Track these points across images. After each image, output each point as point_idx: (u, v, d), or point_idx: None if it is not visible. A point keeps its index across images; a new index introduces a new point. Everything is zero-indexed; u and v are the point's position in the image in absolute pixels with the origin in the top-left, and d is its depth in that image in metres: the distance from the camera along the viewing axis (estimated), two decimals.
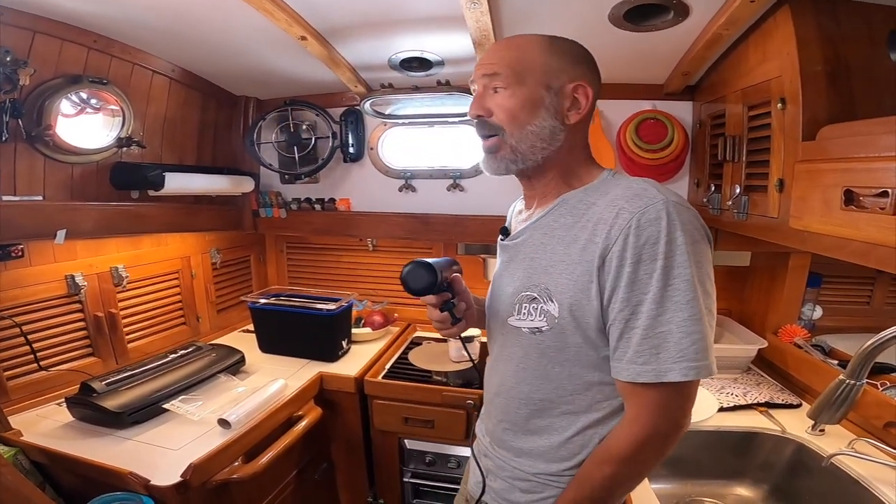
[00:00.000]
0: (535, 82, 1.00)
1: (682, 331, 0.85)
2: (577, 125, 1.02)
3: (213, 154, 2.33)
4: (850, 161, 1.04)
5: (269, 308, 2.17)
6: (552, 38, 1.03)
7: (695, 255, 0.85)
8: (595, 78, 1.04)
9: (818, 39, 1.23)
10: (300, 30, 1.62)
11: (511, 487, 1.09)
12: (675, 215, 0.86)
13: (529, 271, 1.03)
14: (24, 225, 1.50)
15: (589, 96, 1.00)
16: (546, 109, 1.00)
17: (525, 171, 1.05)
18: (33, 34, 1.52)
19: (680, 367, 0.85)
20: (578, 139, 1.05)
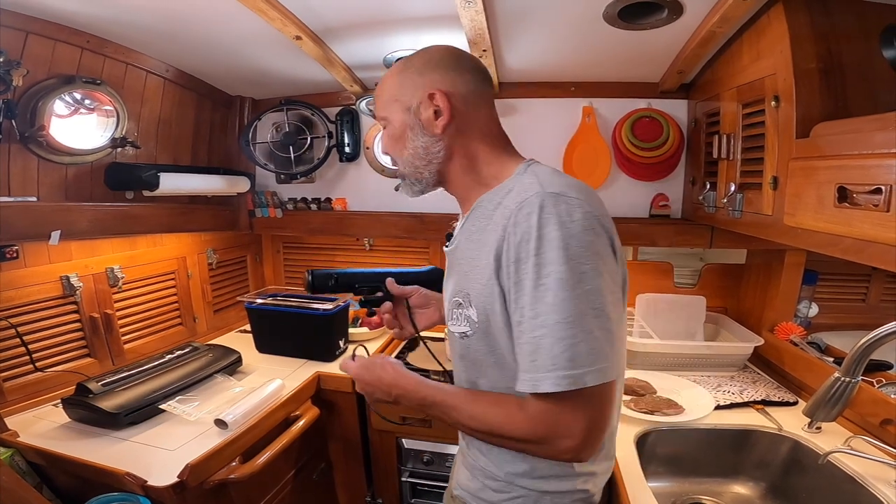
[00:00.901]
0: (396, 111, 1.02)
1: (553, 336, 0.79)
2: (453, 129, 1.01)
3: (208, 154, 2.32)
4: (844, 158, 1.04)
5: (265, 308, 2.17)
6: (404, 61, 1.05)
7: (570, 249, 0.79)
8: (453, 76, 1.00)
9: (811, 37, 1.23)
10: (295, 29, 1.62)
11: (483, 487, 1.08)
12: (550, 208, 0.81)
13: (458, 277, 1.02)
14: (19, 226, 1.49)
15: (447, 98, 0.98)
16: (412, 130, 1.01)
17: (427, 189, 1.08)
18: (26, 35, 1.51)
19: (552, 377, 0.79)
20: (467, 141, 1.03)
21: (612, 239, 0.87)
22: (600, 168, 2.15)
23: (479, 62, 1.08)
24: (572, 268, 0.79)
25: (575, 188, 0.86)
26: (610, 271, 0.84)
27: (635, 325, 2.11)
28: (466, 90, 1.00)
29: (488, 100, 1.05)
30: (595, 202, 0.87)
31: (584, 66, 2.00)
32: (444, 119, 0.99)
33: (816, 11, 1.24)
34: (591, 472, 1.03)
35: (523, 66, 2.01)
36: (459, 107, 1.00)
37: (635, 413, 1.58)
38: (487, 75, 1.07)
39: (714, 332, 2.18)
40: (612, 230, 0.88)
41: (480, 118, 1.03)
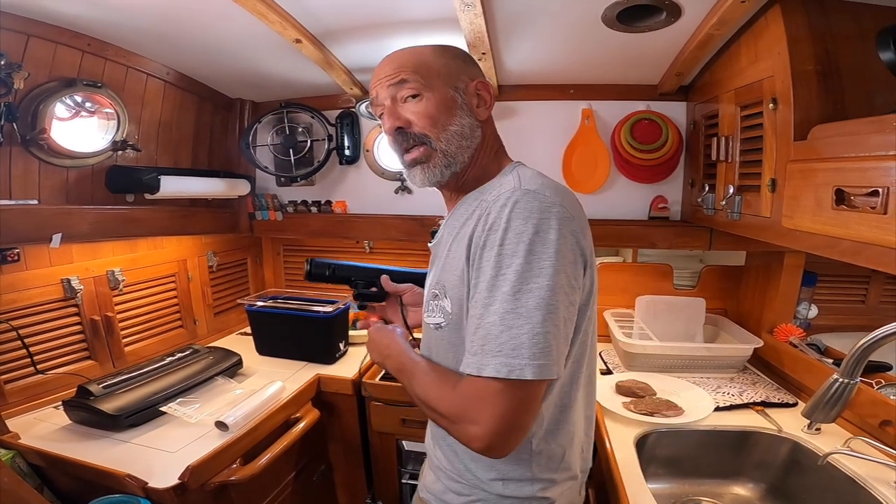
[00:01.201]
0: (443, 84, 1.01)
1: (503, 324, 0.80)
2: (488, 120, 1.07)
3: (208, 157, 2.33)
4: (841, 161, 1.05)
5: (266, 311, 2.17)
6: (441, 47, 1.06)
7: (534, 245, 0.81)
8: (481, 72, 1.08)
9: (809, 38, 1.23)
10: (294, 32, 1.62)
11: (446, 490, 1.08)
12: (522, 203, 0.84)
13: (437, 270, 1.04)
14: (20, 229, 1.50)
15: (490, 92, 1.05)
16: (460, 108, 1.02)
17: (450, 172, 1.03)
18: (27, 38, 1.52)
19: (494, 364, 0.80)
20: (490, 133, 1.08)
21: (580, 245, 0.88)
22: (599, 170, 2.16)
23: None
24: (532, 262, 0.81)
25: (551, 189, 0.88)
26: (570, 274, 0.84)
27: (635, 327, 2.11)
28: (493, 91, 1.07)
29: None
30: (570, 205, 0.88)
31: (582, 68, 2.01)
32: (488, 109, 1.05)
33: (814, 13, 1.24)
34: (550, 480, 1.01)
35: (522, 68, 2.02)
36: (489, 100, 1.06)
37: (635, 415, 1.58)
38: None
39: (714, 333, 2.18)
40: (581, 237, 0.88)
41: (491, 117, 1.09)
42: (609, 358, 2.12)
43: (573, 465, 1.06)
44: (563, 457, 1.02)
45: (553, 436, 0.99)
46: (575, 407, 0.99)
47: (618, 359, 2.10)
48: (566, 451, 1.02)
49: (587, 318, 0.96)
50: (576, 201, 0.92)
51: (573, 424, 1.02)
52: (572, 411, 0.99)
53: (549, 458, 1.00)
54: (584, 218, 0.92)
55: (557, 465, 1.01)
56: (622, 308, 2.31)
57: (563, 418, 1.00)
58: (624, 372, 1.96)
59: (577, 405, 1.00)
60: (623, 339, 1.93)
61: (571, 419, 1.00)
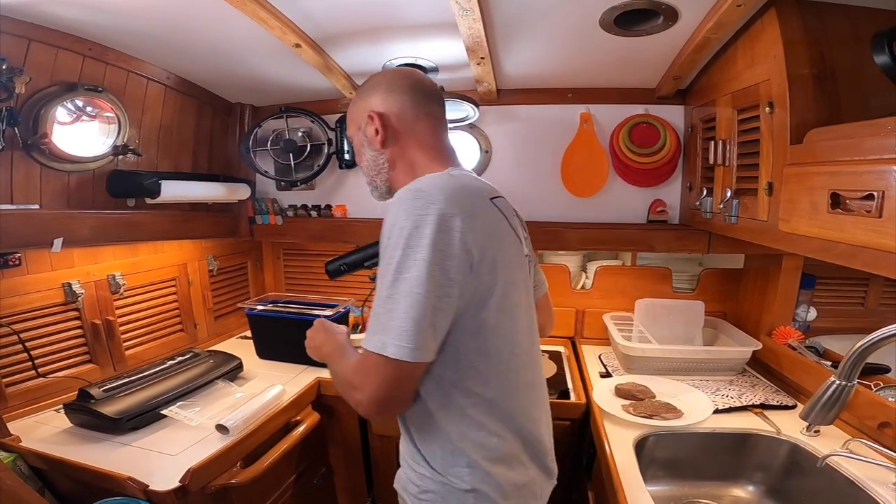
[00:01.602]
0: (353, 130, 1.22)
1: (384, 307, 0.91)
2: (391, 143, 1.16)
3: (208, 161, 2.34)
4: (837, 164, 1.06)
5: (266, 315, 2.18)
6: (358, 88, 1.24)
7: (411, 239, 0.90)
8: (386, 97, 1.15)
9: (804, 42, 1.25)
10: (294, 37, 1.63)
11: (408, 480, 1.12)
12: (407, 202, 0.93)
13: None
14: (21, 233, 1.50)
15: (380, 118, 1.14)
16: (363, 146, 1.19)
17: (385, 195, 1.22)
18: (29, 42, 1.53)
19: (374, 340, 0.91)
20: (404, 151, 1.16)
21: (464, 242, 0.92)
22: (598, 174, 2.17)
23: (419, 82, 1.19)
24: (407, 255, 0.90)
25: (440, 188, 0.95)
26: (445, 267, 0.91)
27: (634, 330, 2.12)
28: (400, 109, 1.14)
29: (427, 114, 1.17)
30: (460, 206, 0.93)
31: (581, 72, 2.02)
32: (381, 136, 1.14)
33: (809, 16, 1.25)
34: (486, 472, 1.03)
35: (521, 72, 2.03)
36: (393, 124, 1.14)
37: (634, 417, 1.59)
38: (428, 93, 1.18)
39: (713, 336, 2.19)
40: (470, 235, 0.93)
41: (417, 131, 1.16)
42: (608, 361, 2.12)
43: (511, 458, 1.07)
44: (497, 450, 1.05)
45: (450, 424, 1.03)
46: (414, 380, 0.98)
47: (617, 362, 2.10)
48: (505, 448, 1.06)
49: (483, 318, 0.99)
50: (476, 204, 0.99)
51: (482, 416, 1.03)
52: (410, 384, 0.98)
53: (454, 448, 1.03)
54: (485, 218, 0.99)
55: (489, 455, 1.04)
56: (621, 311, 2.32)
57: (456, 410, 1.02)
58: (623, 375, 1.96)
59: (492, 400, 1.03)
60: (622, 343, 1.94)
61: (409, 391, 1.00)
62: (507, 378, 1.06)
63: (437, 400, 1.02)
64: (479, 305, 0.98)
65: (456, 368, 1.00)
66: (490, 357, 1.02)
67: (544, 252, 2.55)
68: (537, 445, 1.13)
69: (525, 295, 1.11)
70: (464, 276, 0.93)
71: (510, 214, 1.11)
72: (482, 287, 0.97)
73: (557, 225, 2.24)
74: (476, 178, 1.13)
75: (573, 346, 2.38)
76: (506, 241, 1.03)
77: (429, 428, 1.05)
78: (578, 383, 1.98)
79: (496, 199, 1.07)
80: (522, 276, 1.10)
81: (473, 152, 2.32)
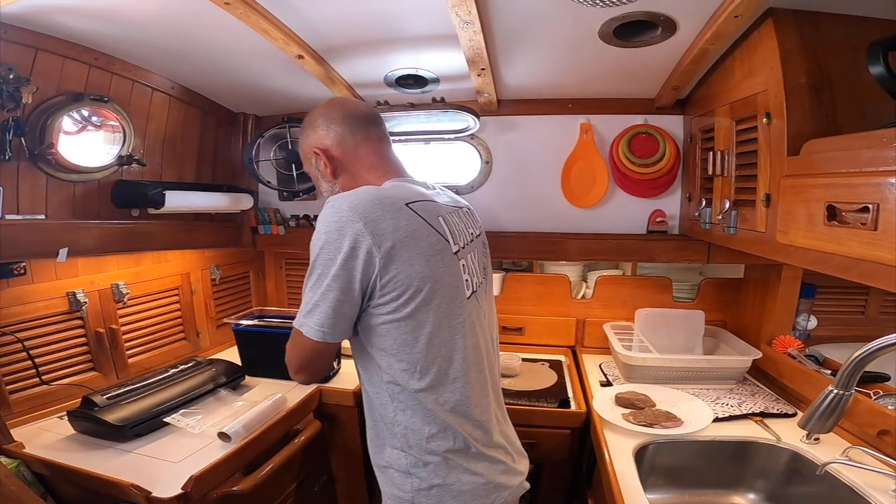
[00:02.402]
0: (308, 164, 1.32)
1: (305, 296, 1.08)
2: (340, 172, 1.27)
3: (212, 171, 2.35)
4: (833, 176, 1.07)
5: (253, 330, 2.12)
6: (303, 124, 1.32)
7: (321, 241, 1.03)
8: (324, 133, 1.26)
9: (801, 52, 1.25)
10: (297, 49, 1.65)
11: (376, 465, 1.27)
12: (323, 212, 1.05)
13: None
14: (27, 243, 1.52)
15: (324, 154, 1.25)
16: (319, 178, 1.31)
17: None
18: (35, 52, 1.54)
19: (297, 319, 1.09)
20: (353, 177, 1.27)
21: (366, 245, 1.02)
22: (598, 184, 2.18)
23: (352, 111, 1.28)
24: (319, 255, 1.04)
25: (350, 200, 1.04)
26: (347, 267, 1.02)
27: (634, 340, 2.12)
28: (339, 140, 1.25)
29: (365, 138, 1.27)
30: (363, 213, 1.02)
31: (581, 83, 2.03)
32: (329, 168, 1.26)
33: (806, 27, 1.26)
34: (419, 459, 1.14)
35: (521, 83, 2.05)
36: (337, 155, 1.26)
37: (634, 426, 1.59)
38: (362, 117, 1.28)
39: (713, 345, 2.19)
40: (368, 237, 1.02)
41: (360, 155, 1.26)
42: (609, 370, 2.13)
43: (446, 447, 1.14)
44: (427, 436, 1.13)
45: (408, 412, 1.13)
46: (328, 356, 1.17)
47: (617, 371, 2.11)
48: (439, 443, 1.13)
49: (412, 316, 1.08)
50: (385, 207, 1.06)
51: (430, 410, 1.12)
52: (322, 360, 1.16)
53: (409, 431, 1.14)
54: (394, 221, 1.05)
55: (427, 445, 1.13)
56: (622, 321, 2.33)
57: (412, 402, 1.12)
58: (623, 384, 1.97)
59: (418, 391, 1.11)
60: (623, 352, 1.95)
61: (321, 365, 1.18)
62: (433, 367, 1.12)
63: (373, 385, 1.17)
64: (395, 297, 1.06)
65: (387, 358, 1.11)
66: (409, 347, 1.10)
67: (545, 262, 2.56)
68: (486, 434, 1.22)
69: (450, 289, 1.13)
70: (365, 273, 1.03)
71: (432, 216, 1.14)
72: (393, 282, 1.05)
73: (557, 235, 2.25)
74: (402, 187, 1.20)
75: (574, 356, 2.38)
76: (423, 240, 1.08)
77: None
78: (579, 392, 1.98)
79: (415, 203, 1.12)
80: (446, 273, 1.12)
81: (474, 163, 2.34)
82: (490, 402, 1.24)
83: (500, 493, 1.19)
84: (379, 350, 1.11)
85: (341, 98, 1.34)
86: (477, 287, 1.25)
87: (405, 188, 1.19)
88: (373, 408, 1.19)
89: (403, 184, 1.22)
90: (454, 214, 1.24)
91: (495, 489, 1.18)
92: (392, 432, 1.15)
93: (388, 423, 1.15)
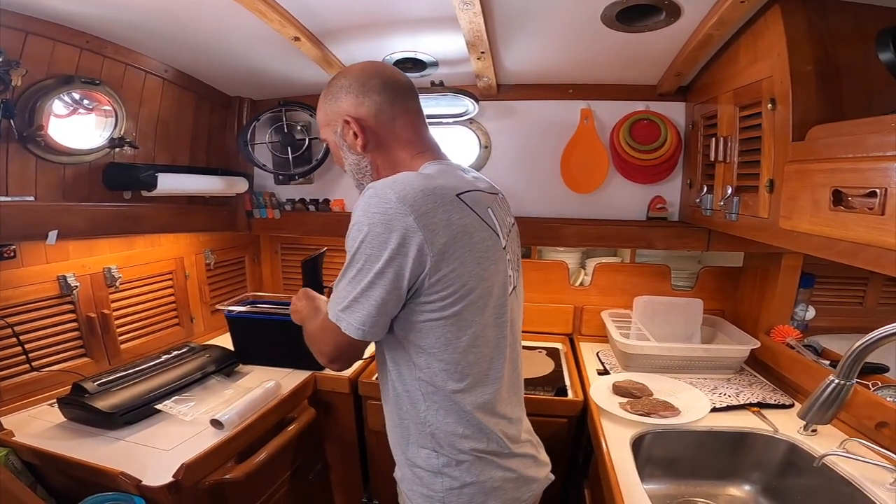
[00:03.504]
0: (329, 134, 1.19)
1: (341, 290, 1.02)
2: (372, 145, 1.15)
3: (206, 155, 2.32)
4: (839, 161, 1.05)
5: (248, 316, 2.09)
6: (326, 88, 1.19)
7: (362, 233, 0.96)
8: (361, 100, 1.13)
9: (808, 39, 1.23)
10: (293, 30, 1.62)
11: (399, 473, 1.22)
12: (366, 199, 0.97)
13: None
14: (16, 225, 1.49)
15: (358, 123, 1.12)
16: (343, 150, 1.18)
17: None
18: (25, 35, 1.51)
19: (332, 311, 1.04)
20: (387, 152, 1.16)
21: (409, 240, 0.95)
22: (598, 170, 2.16)
23: (392, 79, 1.16)
24: (359, 249, 0.97)
25: (396, 188, 0.96)
26: (399, 264, 0.96)
27: (632, 328, 2.11)
28: (376, 110, 1.12)
29: (404, 111, 1.15)
30: (413, 205, 0.95)
31: (582, 68, 2.01)
32: (361, 141, 1.13)
33: (813, 13, 1.24)
34: (451, 459, 1.10)
35: (521, 68, 2.02)
36: (371, 126, 1.13)
37: (631, 415, 1.58)
38: (403, 89, 1.16)
39: (711, 334, 2.18)
40: (421, 233, 0.95)
41: (396, 129, 1.15)
42: (606, 358, 2.12)
43: (463, 461, 1.11)
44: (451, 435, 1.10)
45: (438, 413, 1.09)
46: (358, 353, 1.11)
47: (615, 359, 2.10)
48: (468, 456, 1.10)
49: (450, 311, 1.02)
50: (437, 199, 0.98)
51: (462, 412, 1.09)
52: (354, 355, 1.11)
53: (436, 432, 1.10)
54: (445, 215, 0.98)
55: (454, 443, 1.10)
56: (620, 308, 2.32)
57: (444, 402, 1.08)
58: (621, 372, 1.96)
59: (457, 392, 1.07)
60: (620, 340, 1.93)
61: (350, 357, 1.12)
62: (474, 368, 1.08)
63: (403, 382, 1.12)
64: (444, 296, 1.01)
65: (424, 357, 1.06)
66: (452, 347, 1.05)
67: (543, 248, 2.54)
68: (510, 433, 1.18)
69: (498, 288, 1.10)
70: (414, 271, 0.97)
71: (482, 208, 1.08)
72: (443, 281, 0.99)
73: (556, 221, 2.23)
74: (448, 173, 1.11)
75: (571, 343, 2.37)
76: (476, 236, 1.03)
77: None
78: (576, 380, 1.97)
79: (466, 193, 1.05)
80: (496, 270, 1.09)
81: (473, 147, 2.31)
82: (520, 398, 1.23)
83: (529, 486, 1.18)
84: (416, 347, 1.05)
85: (379, 63, 1.23)
86: (517, 282, 1.23)
87: (452, 174, 1.10)
88: (400, 405, 1.13)
89: (448, 168, 1.14)
90: (496, 204, 1.18)
91: (525, 482, 1.16)
92: (421, 432, 1.11)
93: (417, 422, 1.11)
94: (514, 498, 1.15)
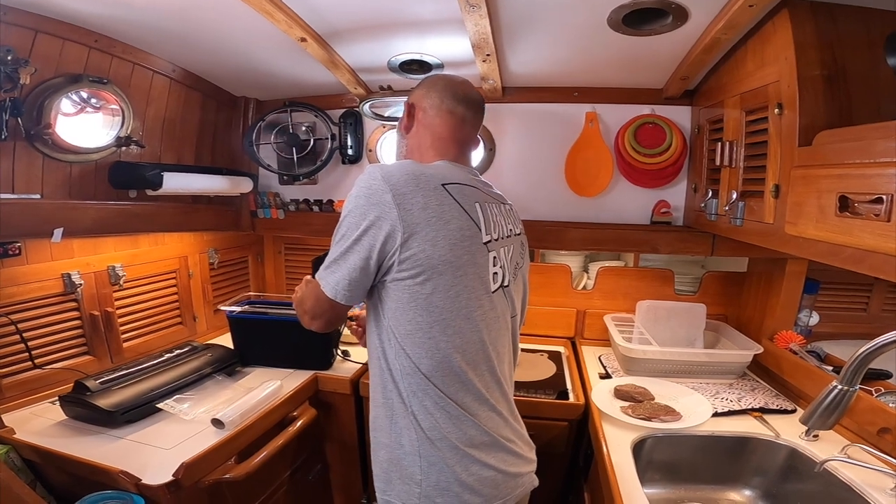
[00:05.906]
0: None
1: (330, 254, 1.11)
2: (413, 130, 1.30)
3: (212, 154, 2.33)
4: (846, 167, 1.04)
5: (250, 317, 2.08)
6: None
7: (350, 205, 1.07)
8: (426, 93, 1.29)
9: (816, 44, 1.23)
10: (300, 31, 1.62)
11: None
12: (359, 178, 1.08)
13: None
14: (22, 223, 1.50)
15: (412, 107, 1.29)
16: (399, 129, 1.34)
17: None
18: (35, 33, 1.52)
19: (319, 273, 1.14)
20: (420, 139, 1.29)
21: (389, 217, 1.03)
22: (603, 174, 2.15)
23: (456, 86, 1.29)
24: (345, 218, 1.08)
25: (385, 169, 1.06)
26: (371, 235, 1.04)
27: (635, 332, 2.11)
28: (431, 104, 1.27)
29: (450, 111, 1.26)
30: (393, 185, 1.04)
31: (587, 71, 2.00)
32: (405, 123, 1.31)
33: (822, 18, 1.24)
34: (431, 450, 1.11)
35: (527, 70, 2.02)
36: (420, 115, 1.28)
37: (632, 419, 1.58)
38: (460, 96, 1.27)
39: (714, 339, 2.18)
40: (394, 210, 1.03)
41: (434, 124, 1.27)
42: (608, 362, 2.11)
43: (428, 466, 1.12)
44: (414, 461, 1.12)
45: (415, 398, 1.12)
46: (339, 315, 1.23)
47: (617, 363, 2.09)
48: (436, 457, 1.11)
49: (415, 290, 1.07)
50: (419, 184, 1.06)
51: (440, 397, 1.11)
52: (335, 316, 1.23)
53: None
54: (423, 199, 1.05)
55: (434, 429, 1.12)
56: (623, 312, 2.31)
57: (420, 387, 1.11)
58: (623, 376, 1.95)
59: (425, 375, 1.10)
60: (623, 344, 1.93)
61: (330, 320, 1.23)
62: (441, 354, 1.10)
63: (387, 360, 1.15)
64: (413, 275, 1.06)
65: (399, 337, 1.11)
66: (423, 329, 1.09)
67: (546, 252, 2.54)
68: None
69: (472, 279, 1.11)
70: (384, 244, 1.04)
71: (468, 201, 1.13)
72: (412, 260, 1.05)
73: (560, 224, 2.23)
74: (447, 168, 1.19)
75: (573, 347, 2.37)
76: (452, 224, 1.07)
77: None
78: (577, 384, 1.97)
79: (453, 185, 1.11)
80: (471, 261, 1.10)
81: (478, 150, 2.29)
82: (502, 395, 1.22)
83: (511, 483, 1.17)
84: (393, 327, 1.10)
85: (462, 77, 1.34)
86: (508, 283, 1.23)
87: (448, 169, 1.19)
88: (385, 387, 1.14)
89: (449, 164, 1.22)
90: (494, 205, 1.23)
91: (505, 479, 1.16)
92: (403, 416, 1.12)
93: (397, 407, 1.13)
94: (493, 495, 1.14)
